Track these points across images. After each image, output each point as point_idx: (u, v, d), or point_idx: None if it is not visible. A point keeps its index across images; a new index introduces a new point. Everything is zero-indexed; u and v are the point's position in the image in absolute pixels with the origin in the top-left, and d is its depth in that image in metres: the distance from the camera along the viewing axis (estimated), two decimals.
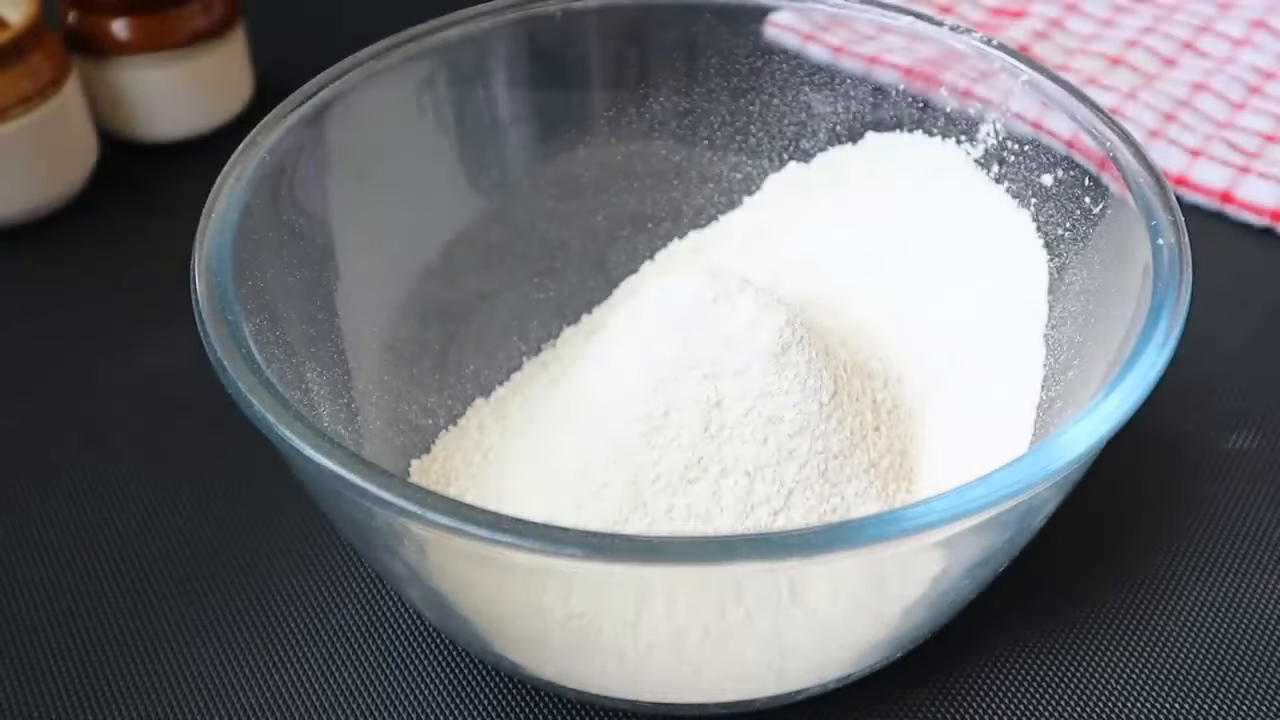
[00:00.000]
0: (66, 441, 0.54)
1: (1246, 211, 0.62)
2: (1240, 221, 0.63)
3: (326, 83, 0.46)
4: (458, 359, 0.52)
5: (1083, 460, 0.33)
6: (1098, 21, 0.76)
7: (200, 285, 0.38)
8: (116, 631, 0.46)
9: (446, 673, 0.45)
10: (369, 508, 0.33)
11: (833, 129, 0.52)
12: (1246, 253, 0.62)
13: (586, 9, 0.51)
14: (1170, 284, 0.38)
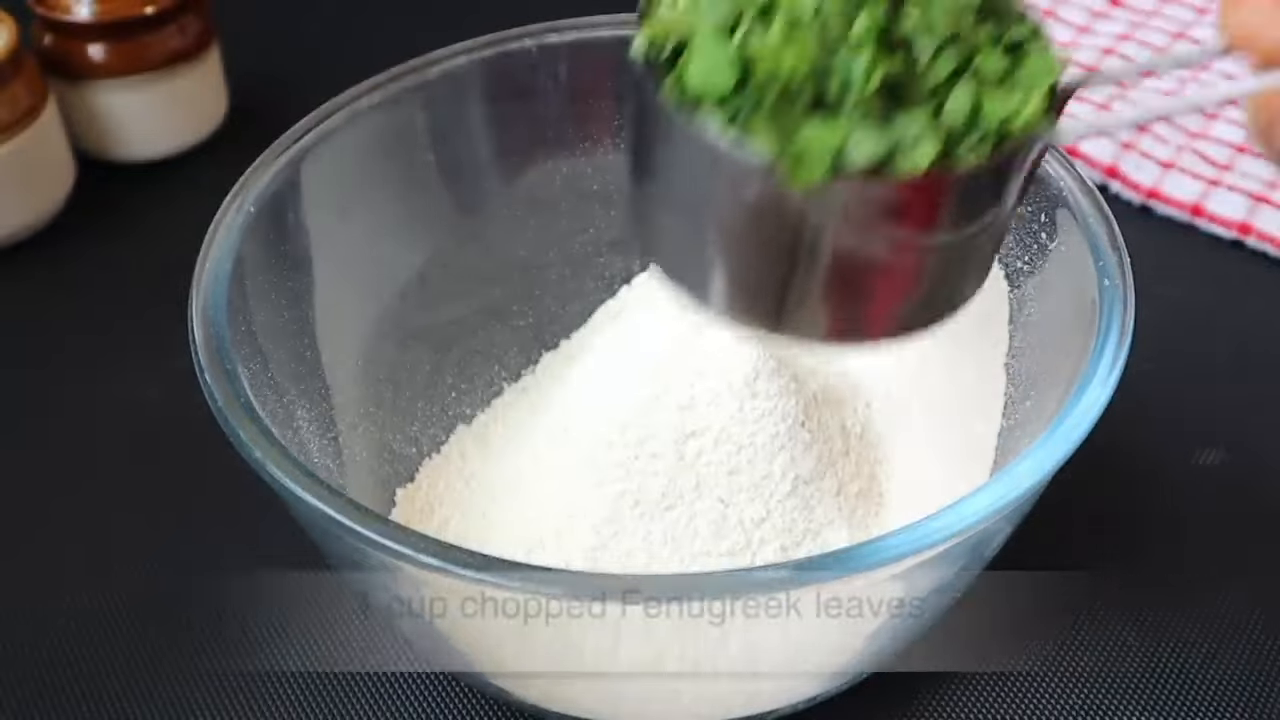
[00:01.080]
0: (42, 464, 0.58)
1: (1216, 224, 0.67)
2: (1210, 234, 0.68)
3: (312, 125, 0.50)
4: (439, 387, 0.57)
5: (1022, 502, 0.38)
6: (1074, 28, 0.80)
7: (198, 334, 0.42)
8: (106, 661, 0.51)
9: (433, 696, 0.49)
10: (363, 549, 0.38)
11: None
12: (1217, 265, 0.67)
13: (561, 43, 0.55)
14: (1114, 323, 0.42)
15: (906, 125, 0.35)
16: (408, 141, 0.55)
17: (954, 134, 0.35)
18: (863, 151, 0.34)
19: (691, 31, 0.36)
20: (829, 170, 0.34)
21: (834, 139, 0.34)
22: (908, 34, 0.36)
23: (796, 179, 0.34)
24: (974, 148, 0.35)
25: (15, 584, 0.53)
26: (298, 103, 0.52)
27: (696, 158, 0.36)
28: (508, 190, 0.58)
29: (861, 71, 0.34)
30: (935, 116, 0.35)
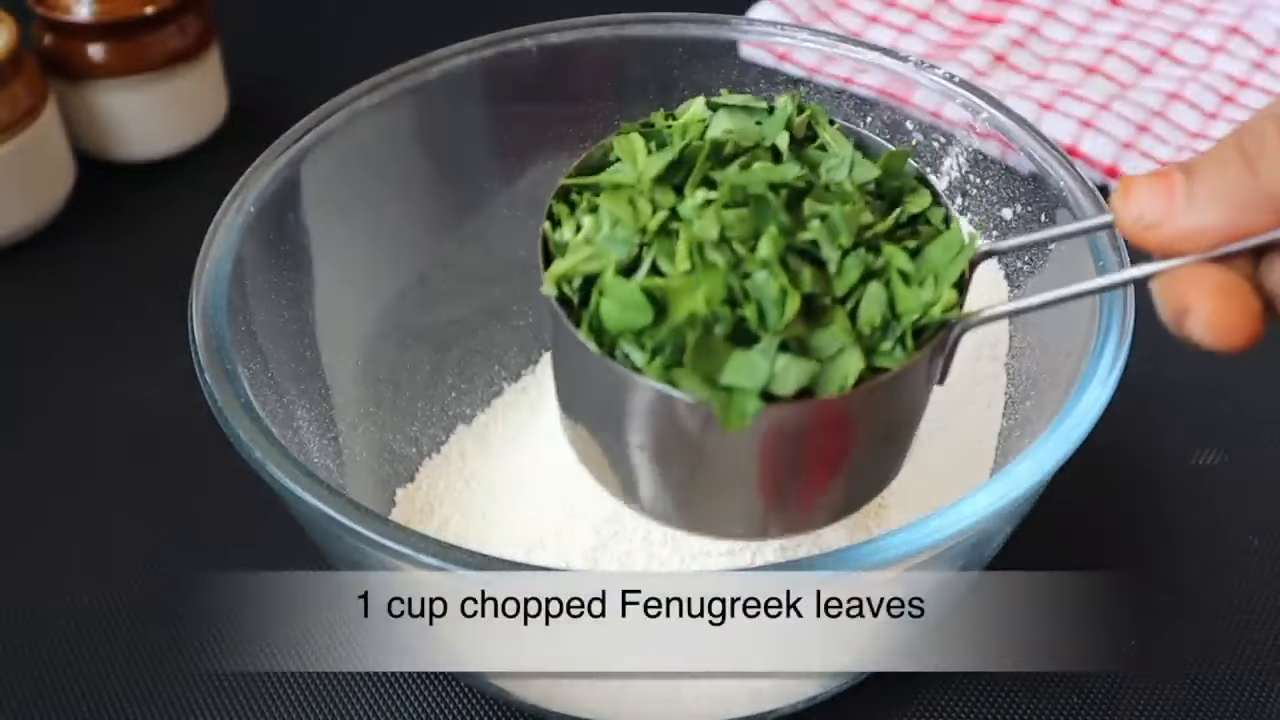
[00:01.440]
0: (42, 464, 0.58)
1: None
2: None
3: (312, 125, 0.50)
4: (439, 387, 0.57)
5: (1022, 501, 0.38)
6: (1074, 28, 0.80)
7: (198, 334, 0.43)
8: (106, 661, 0.51)
9: (433, 696, 0.50)
10: (363, 549, 0.38)
11: None
12: None
13: (561, 43, 0.55)
14: (1114, 323, 0.42)
15: (827, 343, 0.36)
16: (408, 141, 0.55)
17: (872, 337, 0.36)
18: (789, 385, 0.35)
19: (599, 270, 0.37)
20: (757, 410, 0.35)
21: (760, 376, 0.35)
22: (811, 242, 0.37)
23: (729, 423, 0.35)
24: (892, 350, 0.36)
25: (15, 584, 0.53)
26: (298, 103, 0.52)
27: (624, 399, 0.37)
28: (508, 190, 0.58)
29: (775, 304, 0.35)
30: (851, 321, 0.36)
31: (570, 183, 0.41)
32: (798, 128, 0.41)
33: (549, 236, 0.40)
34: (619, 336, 0.36)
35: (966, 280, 0.38)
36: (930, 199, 0.39)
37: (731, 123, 0.41)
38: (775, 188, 0.37)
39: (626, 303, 0.36)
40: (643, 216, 0.38)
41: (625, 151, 0.41)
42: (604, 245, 0.37)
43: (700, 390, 0.35)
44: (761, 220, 0.37)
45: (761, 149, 0.40)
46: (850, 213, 0.37)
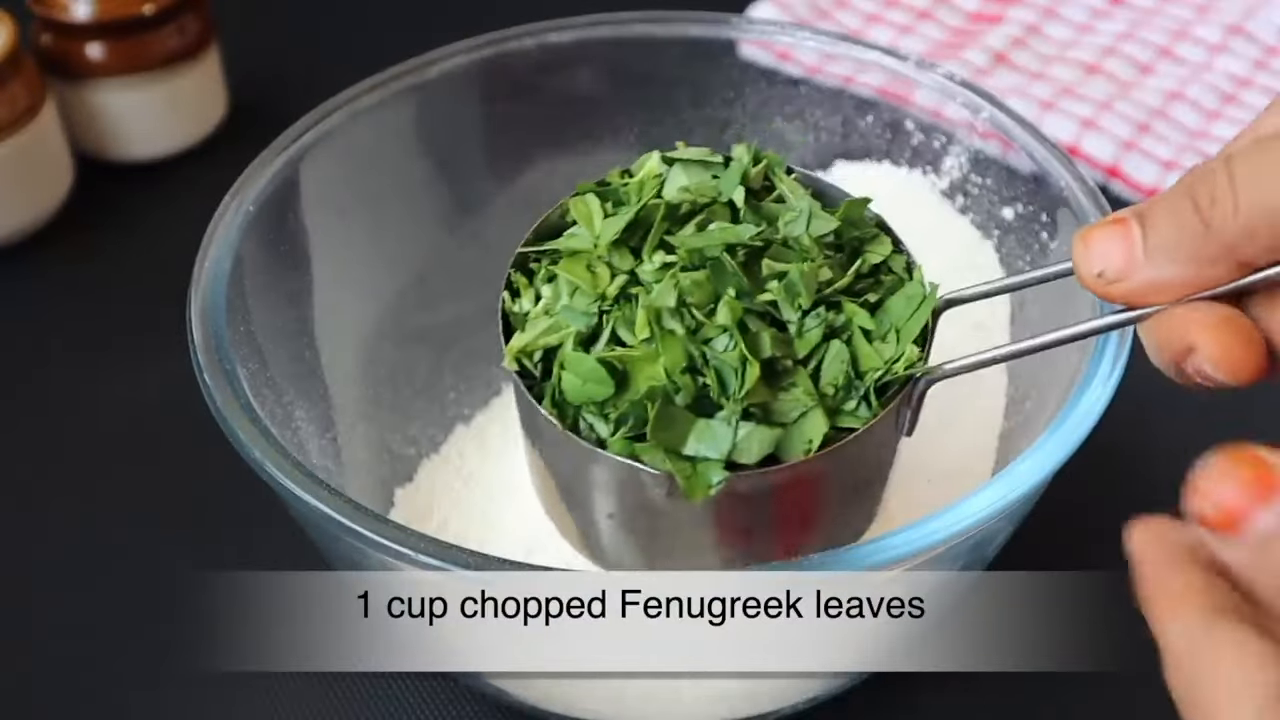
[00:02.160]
0: (41, 464, 0.58)
1: None
2: None
3: (311, 125, 0.50)
4: (439, 387, 0.57)
5: (1023, 502, 0.38)
6: (1075, 27, 0.81)
7: (197, 334, 0.43)
8: (106, 661, 0.51)
9: (433, 696, 0.50)
10: (362, 549, 0.38)
11: (803, 158, 0.56)
12: None
13: (561, 43, 0.55)
14: None
15: (790, 407, 0.36)
16: (408, 141, 0.55)
17: (835, 397, 0.36)
18: (752, 454, 0.35)
19: (558, 342, 0.37)
20: (721, 480, 0.35)
21: (723, 446, 0.35)
22: (771, 303, 0.37)
23: (693, 494, 0.35)
24: (856, 408, 0.36)
25: (15, 583, 0.53)
26: (298, 103, 0.52)
27: (589, 470, 0.37)
28: (507, 190, 0.58)
29: (735, 373, 0.35)
30: (814, 382, 0.36)
31: (526, 251, 0.41)
32: (755, 178, 0.41)
33: (508, 308, 0.40)
34: (581, 409, 0.37)
35: (930, 330, 0.38)
36: (891, 247, 0.40)
37: (687, 178, 0.41)
38: (732, 249, 0.37)
39: (587, 376, 0.36)
40: (601, 283, 0.38)
41: (582, 215, 0.40)
42: (563, 316, 0.38)
43: (664, 462, 0.35)
44: (720, 284, 0.37)
45: (719, 205, 0.40)
46: (808, 271, 0.37)
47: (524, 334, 0.38)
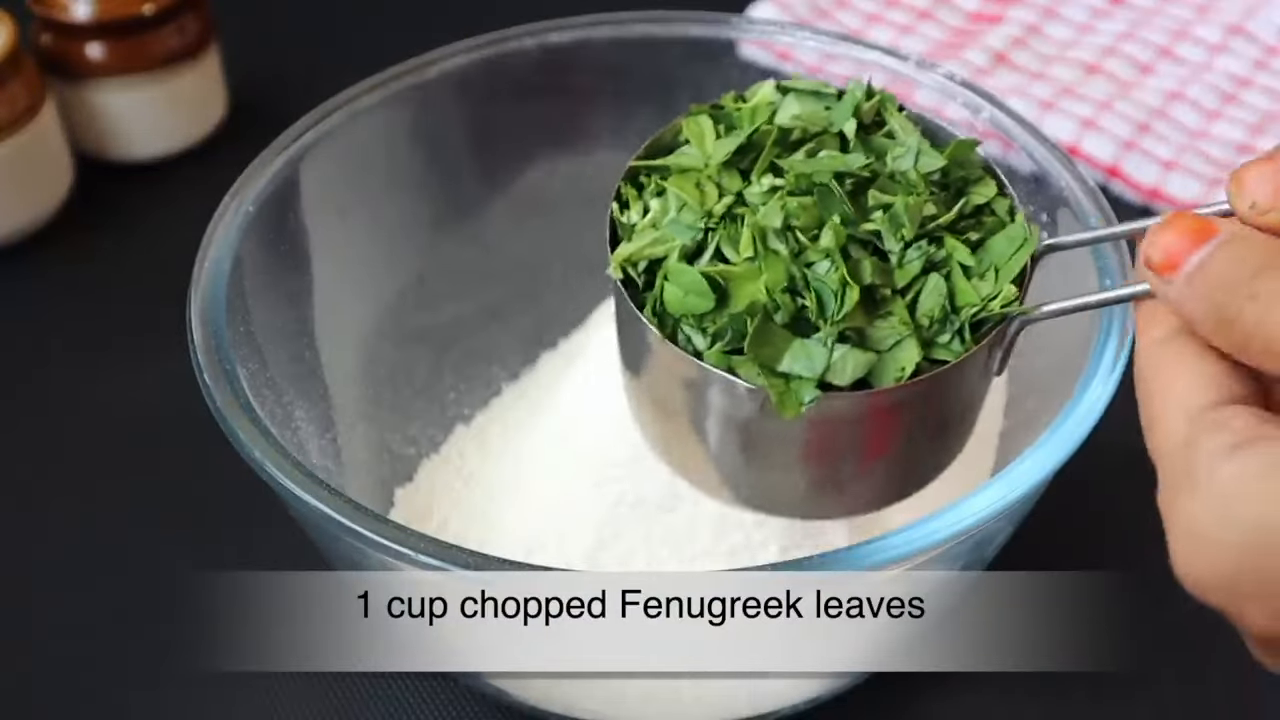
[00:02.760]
0: (41, 464, 0.58)
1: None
2: None
3: (311, 125, 0.50)
4: (439, 387, 0.57)
5: (1023, 502, 0.38)
6: (1075, 27, 0.81)
7: (197, 334, 0.43)
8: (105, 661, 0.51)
9: (433, 696, 0.50)
10: (362, 549, 0.38)
11: None
12: None
13: (561, 43, 0.55)
14: (1114, 323, 0.42)
15: (886, 334, 0.36)
16: (407, 141, 0.55)
17: (930, 329, 0.36)
18: (846, 375, 0.35)
19: (664, 254, 0.38)
20: (814, 398, 0.35)
21: (817, 365, 0.35)
22: (874, 233, 0.37)
23: (785, 410, 0.35)
24: (949, 342, 0.36)
25: (15, 583, 0.53)
26: (298, 103, 0.52)
27: (685, 380, 0.38)
28: (507, 190, 0.58)
29: (834, 296, 0.36)
30: (910, 312, 0.36)
31: (638, 165, 0.41)
32: (866, 114, 0.41)
33: (617, 218, 0.40)
34: (680, 320, 0.37)
35: (1028, 275, 0.38)
36: (996, 189, 0.39)
37: (800, 107, 0.41)
38: (840, 177, 0.38)
39: (689, 288, 0.37)
40: (709, 201, 0.38)
41: (694, 134, 0.41)
42: (669, 230, 0.38)
43: (758, 378, 0.36)
44: (826, 210, 0.37)
45: (829, 135, 0.40)
46: (913, 204, 0.37)
47: (630, 243, 0.39)
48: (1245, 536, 0.27)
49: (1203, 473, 0.28)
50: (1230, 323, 0.30)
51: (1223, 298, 0.30)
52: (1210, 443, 0.29)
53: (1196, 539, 0.28)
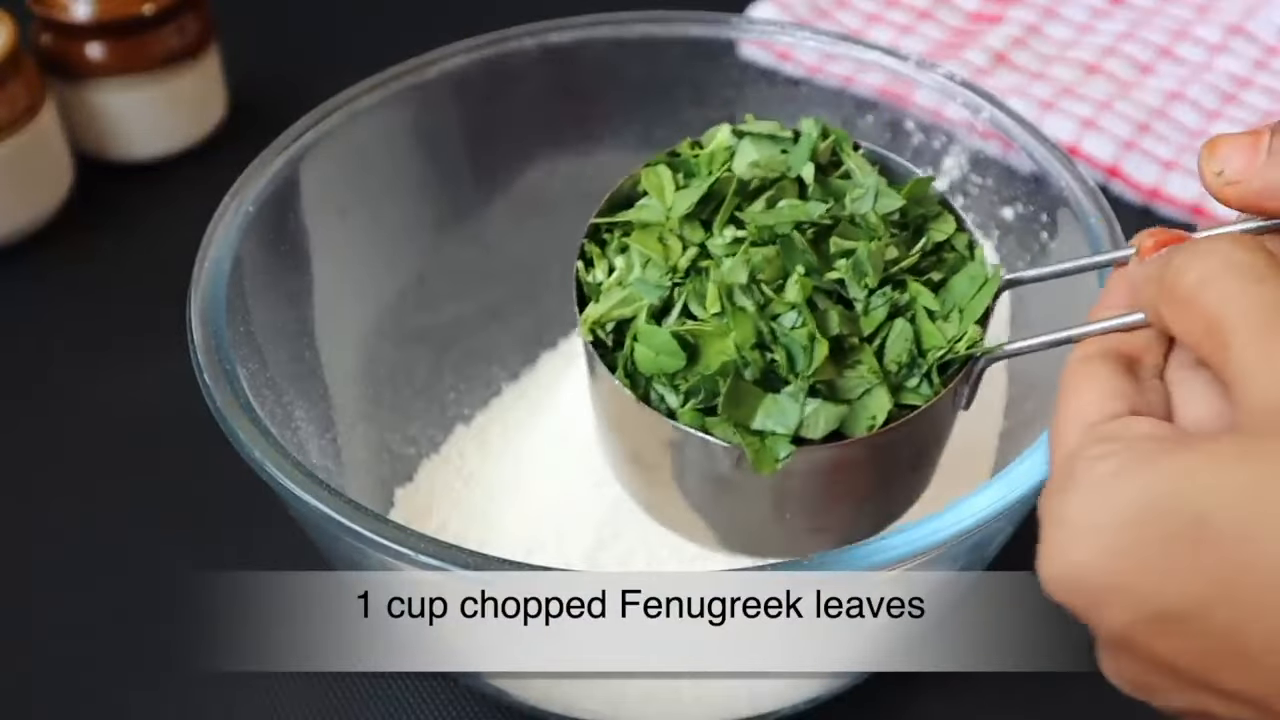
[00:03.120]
0: (41, 464, 0.58)
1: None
2: None
3: (311, 125, 0.50)
4: (439, 387, 0.57)
5: (1023, 502, 0.38)
6: (1075, 27, 0.81)
7: (197, 334, 0.43)
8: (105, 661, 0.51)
9: (433, 696, 0.50)
10: (362, 549, 0.38)
11: None
12: None
13: (561, 43, 0.55)
14: None
15: (855, 384, 0.37)
16: (407, 141, 0.55)
17: (899, 375, 0.37)
18: (819, 429, 0.36)
19: (632, 314, 0.38)
20: (789, 454, 0.36)
21: (791, 421, 0.36)
22: (838, 281, 0.37)
23: (761, 467, 0.36)
24: (918, 386, 0.37)
25: (15, 583, 0.53)
26: (298, 103, 0.52)
27: (659, 439, 0.38)
28: (507, 190, 0.58)
29: (804, 350, 0.36)
30: (878, 359, 0.37)
31: (600, 222, 0.42)
32: (822, 154, 0.41)
33: (582, 278, 0.41)
34: (653, 380, 0.37)
35: (990, 311, 0.38)
36: (954, 225, 0.40)
37: (757, 152, 0.41)
38: (801, 225, 0.38)
39: (660, 349, 0.37)
40: (673, 256, 0.39)
41: (653, 186, 0.41)
42: (636, 289, 0.39)
43: (733, 436, 0.36)
44: (789, 261, 0.37)
45: (788, 181, 0.40)
46: (875, 250, 0.37)
47: (598, 305, 0.39)
48: (1114, 523, 0.27)
49: (1080, 472, 0.29)
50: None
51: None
52: (1094, 449, 0.29)
53: (1064, 529, 0.28)
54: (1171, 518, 0.27)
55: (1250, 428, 0.27)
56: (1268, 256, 0.30)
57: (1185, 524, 0.27)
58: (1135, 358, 0.32)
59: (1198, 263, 0.30)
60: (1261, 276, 0.29)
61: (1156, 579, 0.27)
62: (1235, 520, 0.26)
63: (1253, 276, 0.29)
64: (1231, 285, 0.29)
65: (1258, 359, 0.28)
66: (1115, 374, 0.32)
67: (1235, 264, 0.29)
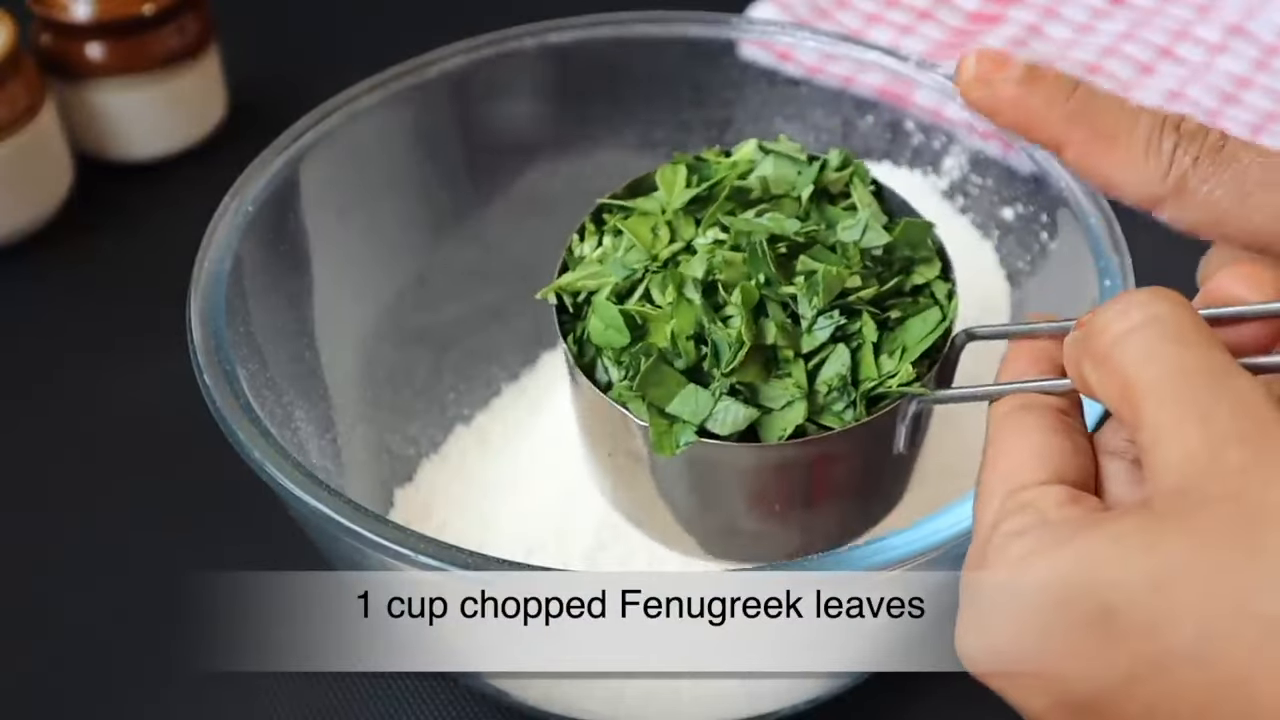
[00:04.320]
0: (41, 464, 0.58)
1: None
2: None
3: (311, 125, 0.50)
4: (438, 388, 0.57)
5: None
6: (1075, 27, 0.80)
7: (197, 335, 0.43)
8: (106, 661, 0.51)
9: (433, 696, 0.50)
10: (362, 549, 0.38)
11: None
12: None
13: (561, 43, 0.55)
14: None
15: (778, 394, 0.37)
16: (407, 141, 0.55)
17: (827, 396, 0.37)
18: (725, 426, 0.37)
19: (596, 287, 0.40)
20: (689, 442, 0.37)
21: (700, 412, 0.37)
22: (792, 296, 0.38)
23: (660, 449, 0.37)
24: (842, 411, 0.37)
25: (16, 583, 0.53)
26: (298, 103, 0.52)
27: (596, 410, 0.40)
28: (507, 190, 0.58)
29: (729, 348, 0.37)
30: (810, 378, 0.37)
31: (605, 202, 0.43)
32: (835, 182, 0.42)
33: (572, 247, 0.42)
34: (600, 352, 0.39)
35: (945, 357, 0.38)
36: (939, 272, 0.40)
37: (774, 170, 0.42)
38: (777, 238, 0.39)
39: (609, 322, 0.38)
40: (658, 245, 0.40)
41: (665, 180, 0.43)
42: (609, 266, 0.40)
43: (643, 414, 0.37)
44: (752, 268, 0.38)
45: (789, 199, 0.41)
46: (834, 275, 0.38)
47: (570, 274, 0.41)
48: (1024, 609, 0.27)
49: (993, 552, 0.28)
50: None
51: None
52: (1011, 524, 0.28)
53: (979, 610, 0.28)
54: (1079, 606, 0.26)
55: (1158, 508, 0.27)
56: (1193, 313, 0.29)
57: (1093, 615, 0.26)
58: (1065, 410, 0.32)
59: (1118, 320, 0.29)
60: (1182, 337, 0.28)
61: (1069, 667, 0.27)
62: (1141, 615, 0.26)
63: (1173, 336, 0.28)
64: (1149, 345, 0.28)
65: (1168, 431, 0.27)
66: (1043, 429, 0.31)
67: (1156, 321, 0.28)
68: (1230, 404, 0.27)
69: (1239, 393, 0.27)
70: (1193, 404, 0.27)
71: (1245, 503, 0.25)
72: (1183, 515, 0.26)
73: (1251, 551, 0.25)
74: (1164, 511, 0.26)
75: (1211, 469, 0.26)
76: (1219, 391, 0.27)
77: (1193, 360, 0.27)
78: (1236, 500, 0.26)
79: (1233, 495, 0.26)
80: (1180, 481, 0.26)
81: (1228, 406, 0.27)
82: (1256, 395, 0.27)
